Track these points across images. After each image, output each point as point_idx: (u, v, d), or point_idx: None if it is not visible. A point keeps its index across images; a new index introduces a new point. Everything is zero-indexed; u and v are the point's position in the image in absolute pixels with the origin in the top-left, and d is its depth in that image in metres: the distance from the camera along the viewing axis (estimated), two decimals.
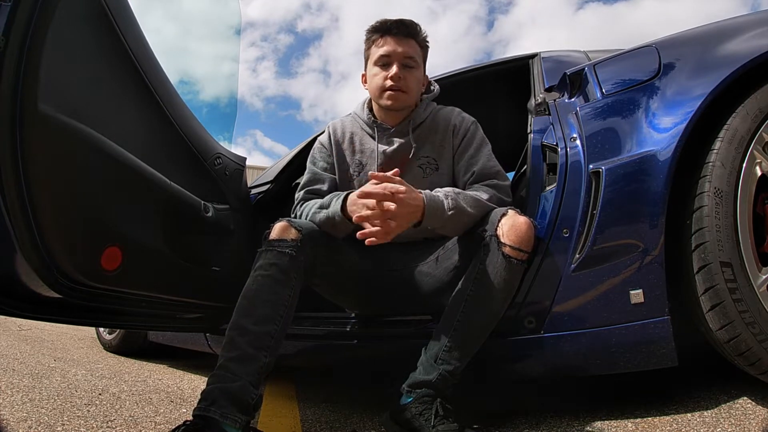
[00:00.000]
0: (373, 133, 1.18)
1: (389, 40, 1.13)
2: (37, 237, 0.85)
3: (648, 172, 0.88)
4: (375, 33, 1.15)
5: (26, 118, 0.83)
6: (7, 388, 1.30)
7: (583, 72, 1.09)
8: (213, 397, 0.81)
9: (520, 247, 0.90)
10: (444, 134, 1.16)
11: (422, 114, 1.17)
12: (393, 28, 1.13)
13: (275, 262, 0.93)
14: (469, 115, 1.20)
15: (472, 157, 1.13)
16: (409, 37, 1.13)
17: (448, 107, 1.21)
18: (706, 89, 0.89)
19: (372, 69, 1.15)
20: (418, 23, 1.15)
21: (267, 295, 0.91)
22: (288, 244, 0.95)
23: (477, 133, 1.17)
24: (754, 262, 0.83)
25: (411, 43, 1.13)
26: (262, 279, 0.92)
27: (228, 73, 1.75)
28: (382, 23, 1.14)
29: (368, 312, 1.25)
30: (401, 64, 1.11)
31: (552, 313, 0.94)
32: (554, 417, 0.97)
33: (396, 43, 1.12)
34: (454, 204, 0.97)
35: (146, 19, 1.11)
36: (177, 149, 1.24)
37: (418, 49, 1.15)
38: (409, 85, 1.12)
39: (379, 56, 1.13)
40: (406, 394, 0.91)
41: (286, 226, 0.97)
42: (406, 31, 1.13)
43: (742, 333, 0.80)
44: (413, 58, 1.13)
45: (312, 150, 1.26)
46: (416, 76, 1.14)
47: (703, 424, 0.81)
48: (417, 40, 1.15)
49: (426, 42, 1.17)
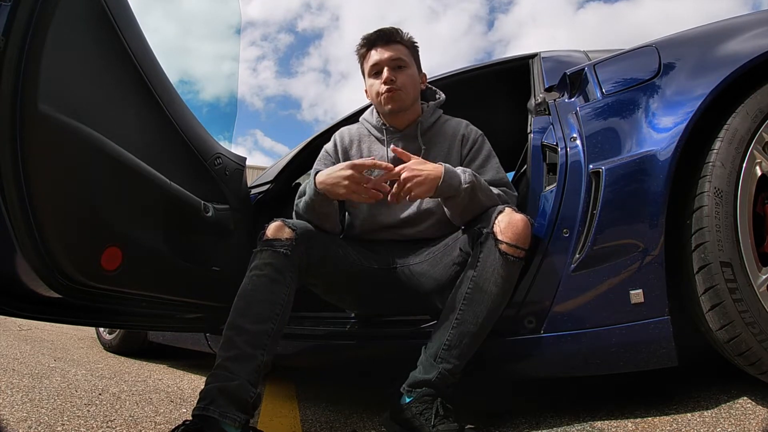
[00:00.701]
0: (383, 137, 1.21)
1: (375, 51, 1.18)
2: (37, 237, 0.85)
3: (648, 172, 0.88)
4: (362, 48, 1.21)
5: (26, 118, 0.83)
6: (7, 388, 1.30)
7: (583, 72, 1.09)
8: (212, 396, 0.81)
9: (516, 244, 0.90)
10: (452, 142, 1.19)
11: (429, 118, 1.21)
12: (375, 39, 1.18)
13: (270, 262, 0.94)
14: (476, 128, 1.23)
15: (480, 167, 1.15)
16: (392, 42, 1.18)
17: (457, 119, 1.25)
18: (706, 89, 0.89)
19: (368, 81, 1.21)
20: (399, 28, 1.20)
21: (263, 295, 0.92)
22: (282, 243, 0.96)
23: (485, 145, 1.20)
24: (754, 262, 0.83)
25: (395, 47, 1.17)
26: (257, 279, 0.93)
27: (228, 73, 1.75)
28: (366, 38, 1.19)
29: (366, 311, 1.25)
30: (390, 68, 1.16)
31: (552, 313, 0.94)
32: (554, 417, 0.97)
33: (381, 51, 1.17)
34: (470, 178, 0.99)
35: (146, 19, 1.12)
36: (177, 149, 1.24)
37: (404, 50, 1.18)
38: (403, 83, 1.15)
39: (370, 67, 1.18)
40: (407, 394, 0.91)
41: (281, 225, 0.98)
42: (387, 38, 1.18)
43: (742, 333, 0.80)
44: (401, 59, 1.17)
45: (317, 159, 1.27)
46: (408, 74, 1.17)
47: (703, 424, 0.81)
48: (401, 42, 1.19)
49: (412, 42, 1.21)
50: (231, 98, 1.71)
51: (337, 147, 1.25)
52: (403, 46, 1.19)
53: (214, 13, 1.79)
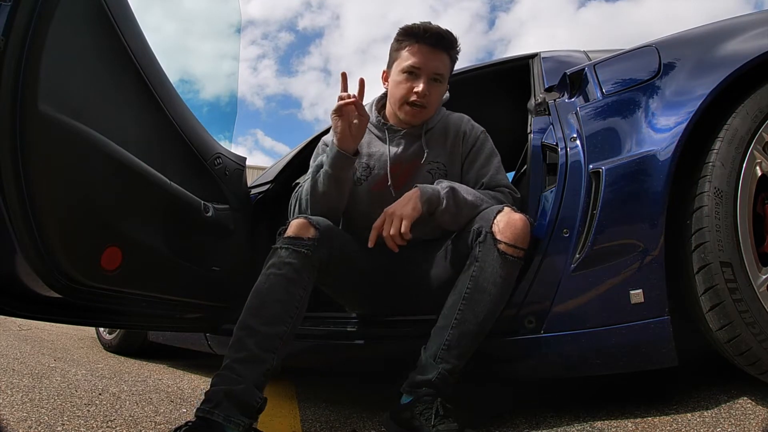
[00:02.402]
0: (383, 136, 1.17)
1: (422, 50, 1.07)
2: (37, 237, 0.85)
3: (648, 172, 0.88)
4: (409, 37, 1.09)
5: (26, 118, 0.83)
6: (7, 388, 1.30)
7: (583, 72, 1.09)
8: (217, 399, 0.80)
9: (515, 244, 0.90)
10: (454, 139, 1.16)
11: (434, 119, 1.17)
12: (430, 38, 1.06)
13: (290, 261, 0.91)
14: (478, 125, 1.20)
15: (482, 167, 1.13)
16: (444, 50, 1.08)
17: (458, 114, 1.21)
18: (706, 89, 0.89)
19: (397, 75, 1.10)
20: (455, 36, 1.09)
21: (279, 295, 0.90)
22: (305, 243, 0.93)
23: (486, 143, 1.17)
24: (754, 262, 0.83)
25: (443, 58, 1.09)
26: (274, 278, 0.91)
27: (228, 72, 1.75)
28: (419, 29, 1.07)
29: (369, 311, 1.25)
30: (429, 79, 1.08)
31: (552, 313, 0.93)
32: (554, 417, 0.97)
33: (428, 56, 1.07)
34: (447, 184, 0.99)
35: (146, 18, 1.12)
36: (177, 149, 1.24)
37: (448, 63, 1.11)
38: (432, 101, 1.10)
39: (409, 65, 1.08)
40: (407, 394, 0.91)
41: (305, 223, 0.95)
42: (442, 43, 1.07)
43: (742, 333, 0.79)
44: (443, 75, 1.10)
45: (316, 149, 1.24)
46: (440, 91, 1.12)
47: (703, 424, 0.81)
48: (450, 54, 1.10)
49: (457, 56, 1.13)
50: (231, 97, 1.72)
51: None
52: (449, 58, 1.10)
53: (214, 12, 1.80)
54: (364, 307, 1.24)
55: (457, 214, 1.00)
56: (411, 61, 1.08)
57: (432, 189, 1.00)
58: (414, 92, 1.08)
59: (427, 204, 0.98)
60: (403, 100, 1.10)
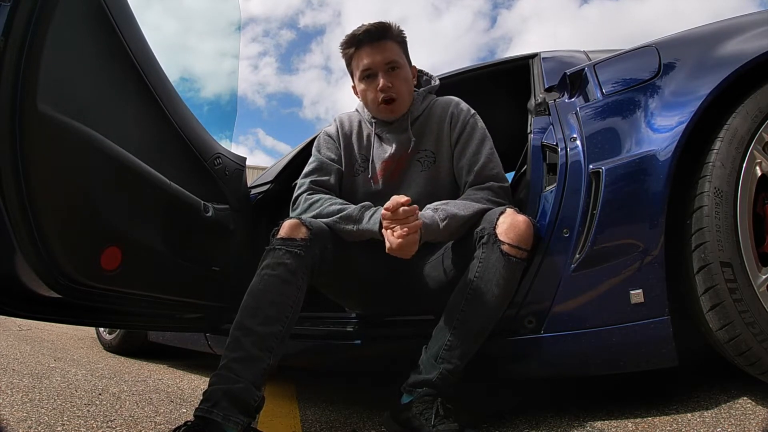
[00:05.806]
0: (374, 129, 1.19)
1: (365, 52, 1.10)
2: (37, 237, 0.85)
3: (648, 172, 0.88)
4: (349, 47, 1.13)
5: (26, 118, 0.83)
6: (7, 388, 1.30)
7: (583, 72, 1.09)
8: (215, 398, 0.80)
9: (518, 245, 0.90)
10: (440, 124, 1.15)
11: (420, 107, 1.16)
12: (364, 38, 1.10)
13: (283, 262, 0.92)
14: (467, 106, 1.18)
15: (474, 154, 1.11)
16: (382, 39, 1.10)
17: (447, 97, 1.20)
18: (706, 89, 0.89)
19: (360, 84, 1.14)
20: (388, 22, 1.11)
21: (273, 296, 0.90)
22: (297, 243, 0.93)
23: (476, 126, 1.14)
24: (754, 262, 0.83)
25: (387, 46, 1.10)
26: (269, 278, 0.91)
27: (228, 70, 1.75)
28: (352, 37, 1.11)
29: (370, 312, 1.25)
30: (385, 71, 1.10)
31: (552, 313, 0.93)
32: (554, 417, 0.97)
33: (372, 53, 1.09)
34: (444, 214, 0.98)
35: (146, 17, 1.11)
36: (177, 149, 1.24)
37: (396, 48, 1.11)
38: (399, 89, 1.11)
39: (361, 71, 1.11)
40: (407, 394, 0.91)
41: (297, 224, 0.96)
42: (377, 35, 1.09)
43: (742, 333, 0.80)
44: (395, 60, 1.10)
45: (317, 140, 1.24)
46: (403, 76, 1.12)
47: (703, 424, 0.81)
48: (392, 39, 1.11)
49: (402, 36, 1.13)
50: (231, 96, 1.71)
51: (338, 131, 1.21)
52: (394, 42, 1.11)
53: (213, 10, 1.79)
54: (364, 306, 1.24)
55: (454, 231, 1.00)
56: (361, 67, 1.11)
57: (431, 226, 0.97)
58: (378, 90, 1.10)
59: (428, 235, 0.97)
60: (375, 103, 1.12)
